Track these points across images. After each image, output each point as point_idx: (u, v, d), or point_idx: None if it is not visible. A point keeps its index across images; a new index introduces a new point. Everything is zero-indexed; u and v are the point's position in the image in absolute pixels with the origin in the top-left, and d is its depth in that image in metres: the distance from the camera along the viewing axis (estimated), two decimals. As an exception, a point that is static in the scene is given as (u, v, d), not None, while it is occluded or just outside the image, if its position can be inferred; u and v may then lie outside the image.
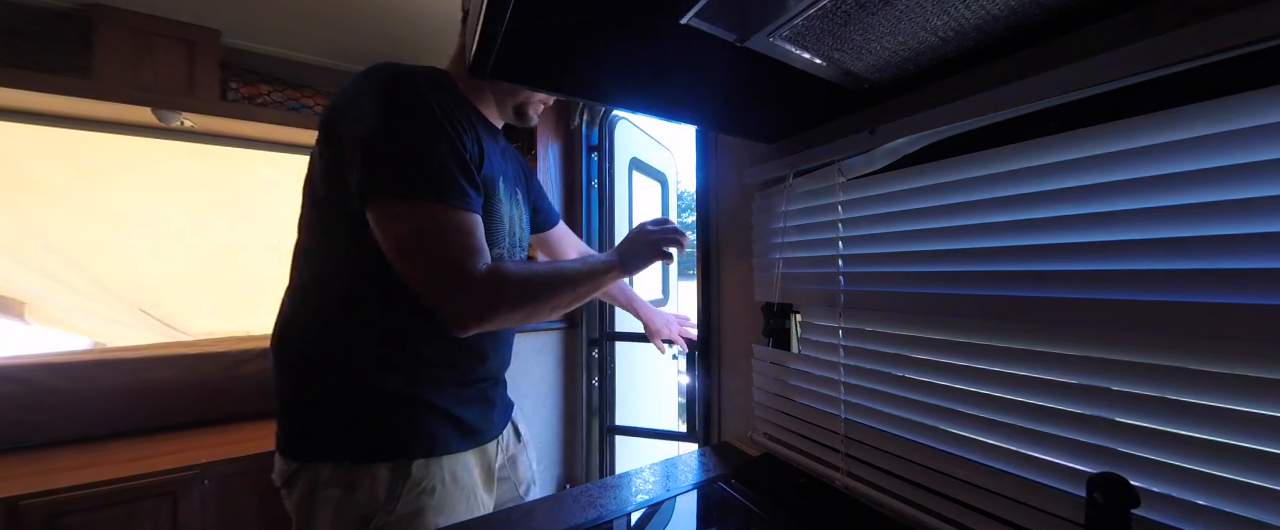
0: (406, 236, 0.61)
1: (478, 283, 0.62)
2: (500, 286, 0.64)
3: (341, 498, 0.65)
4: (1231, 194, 0.39)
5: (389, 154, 0.61)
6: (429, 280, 0.62)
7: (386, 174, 0.61)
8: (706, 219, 1.04)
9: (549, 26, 0.46)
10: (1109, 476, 0.40)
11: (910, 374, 0.62)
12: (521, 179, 0.89)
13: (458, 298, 0.62)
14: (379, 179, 0.60)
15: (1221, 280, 0.39)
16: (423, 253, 0.62)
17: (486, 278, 0.63)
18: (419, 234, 0.61)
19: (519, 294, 0.65)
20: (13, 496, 1.07)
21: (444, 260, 0.62)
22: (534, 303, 0.67)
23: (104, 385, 1.50)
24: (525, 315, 0.67)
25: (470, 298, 0.62)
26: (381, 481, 0.65)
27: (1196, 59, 0.39)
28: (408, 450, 0.67)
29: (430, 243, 0.62)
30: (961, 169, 0.56)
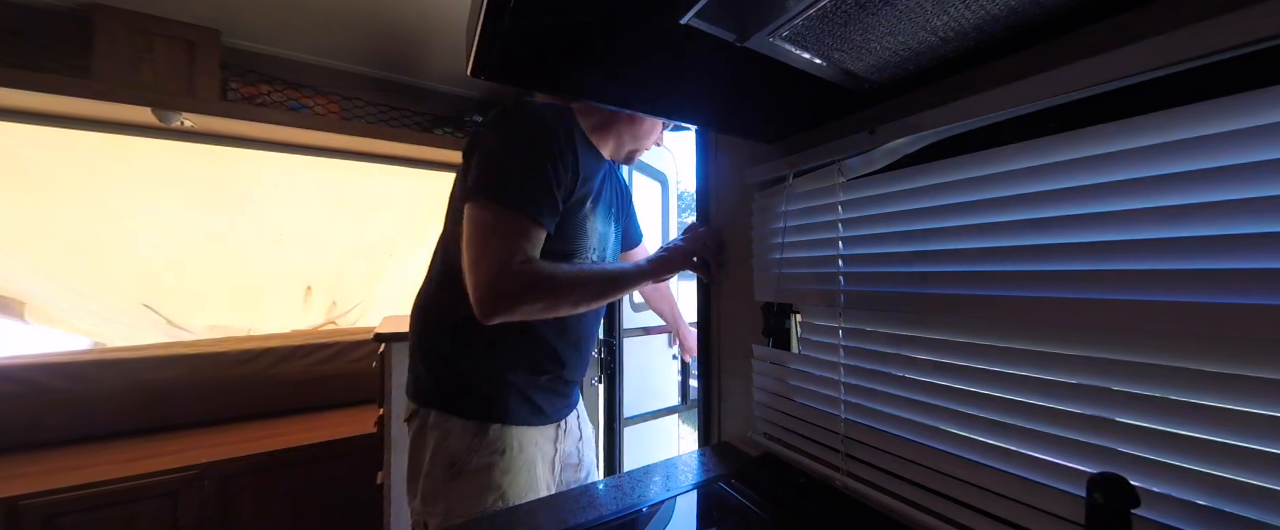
0: (472, 230, 0.74)
1: (507, 276, 0.71)
2: (523, 281, 0.72)
3: (439, 440, 0.83)
4: (1232, 194, 0.39)
5: (493, 166, 0.77)
6: (472, 269, 0.73)
7: (483, 180, 0.75)
8: (706, 219, 1.04)
9: (549, 26, 0.46)
10: (1109, 476, 0.40)
11: (910, 374, 0.62)
12: (618, 203, 1.04)
13: (487, 288, 0.71)
14: (477, 183, 0.75)
15: (1222, 280, 0.39)
16: (475, 244, 0.73)
17: (516, 273, 0.72)
18: (481, 228, 0.74)
19: (539, 289, 0.74)
20: (12, 496, 1.07)
21: (488, 254, 0.72)
22: (552, 298, 0.76)
23: (104, 385, 1.50)
24: (544, 308, 0.76)
25: (495, 290, 0.71)
26: (466, 434, 0.82)
27: (1196, 59, 0.39)
28: (489, 415, 0.84)
29: (485, 237, 0.74)
30: (961, 169, 0.56)
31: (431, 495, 0.83)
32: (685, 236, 0.96)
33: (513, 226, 0.74)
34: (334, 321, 2.78)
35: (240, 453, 1.45)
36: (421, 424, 0.86)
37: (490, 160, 0.77)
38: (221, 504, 1.38)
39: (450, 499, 0.82)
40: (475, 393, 0.85)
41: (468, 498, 0.81)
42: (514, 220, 0.74)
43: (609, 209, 0.96)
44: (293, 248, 2.49)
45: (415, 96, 2.18)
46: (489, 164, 0.77)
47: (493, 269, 0.71)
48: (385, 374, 1.45)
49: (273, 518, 1.49)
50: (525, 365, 0.88)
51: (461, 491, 0.81)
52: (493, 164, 0.77)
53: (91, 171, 1.85)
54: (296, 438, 1.60)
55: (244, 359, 1.81)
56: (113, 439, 1.47)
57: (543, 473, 0.89)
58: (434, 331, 0.88)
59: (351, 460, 1.62)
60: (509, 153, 0.77)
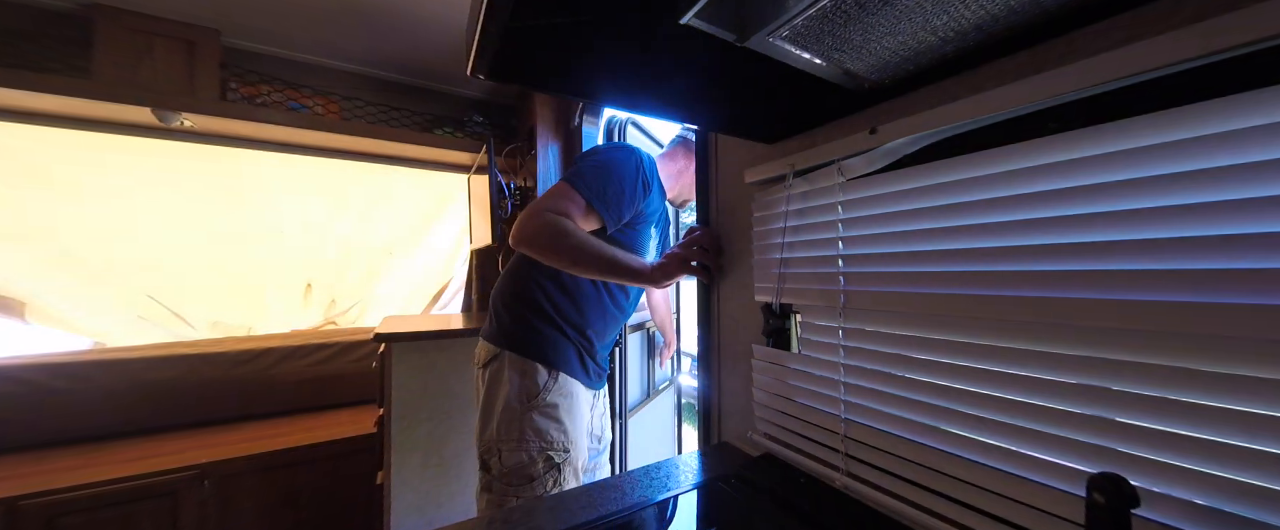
0: (547, 192, 0.98)
1: (538, 213, 0.92)
2: (544, 220, 0.92)
3: (517, 378, 1.03)
4: (1232, 194, 0.39)
5: (585, 165, 1.02)
6: (525, 211, 0.94)
7: (572, 170, 1.01)
8: (706, 219, 1.04)
9: (548, 27, 0.46)
10: (1109, 476, 0.40)
11: (910, 374, 0.62)
12: (665, 228, 1.32)
13: (522, 219, 0.92)
14: (567, 173, 1.00)
15: (1222, 280, 0.39)
16: (539, 198, 0.96)
17: (545, 216, 0.93)
18: (549, 192, 0.98)
19: (548, 238, 0.92)
20: (12, 497, 1.07)
21: (538, 202, 0.95)
22: (556, 252, 0.93)
23: (104, 385, 1.50)
24: (548, 255, 0.94)
25: (526, 221, 0.92)
26: (542, 375, 1.03)
27: (1197, 59, 0.39)
28: (558, 364, 1.06)
29: (547, 196, 0.96)
30: (961, 169, 0.56)
31: (509, 422, 1.01)
32: (682, 243, 0.99)
33: (571, 197, 0.96)
34: (334, 321, 2.78)
35: (240, 453, 1.45)
36: (500, 366, 1.04)
37: (586, 161, 1.02)
38: (221, 504, 1.38)
39: (527, 425, 1.00)
40: (550, 345, 1.06)
41: (543, 426, 1.01)
42: (578, 197, 0.96)
43: (664, 237, 1.30)
44: (293, 245, 2.50)
45: (415, 96, 2.18)
46: (582, 163, 1.02)
47: (532, 211, 0.93)
48: (385, 374, 1.45)
49: (273, 518, 1.49)
50: (584, 334, 1.10)
51: (539, 420, 1.01)
52: (586, 164, 1.01)
53: (92, 169, 1.85)
54: (296, 438, 1.60)
55: (244, 359, 1.81)
56: (113, 439, 1.47)
57: (588, 425, 1.13)
58: (522, 290, 1.09)
59: (351, 460, 1.62)
60: (607, 166, 1.02)
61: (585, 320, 1.10)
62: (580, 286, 1.09)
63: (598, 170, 1.00)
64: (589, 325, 1.10)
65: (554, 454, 1.01)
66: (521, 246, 0.93)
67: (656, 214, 1.14)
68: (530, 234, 0.92)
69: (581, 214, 0.96)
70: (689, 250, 0.97)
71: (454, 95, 2.28)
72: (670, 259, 0.96)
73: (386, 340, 1.43)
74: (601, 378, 1.18)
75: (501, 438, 1.01)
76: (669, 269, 0.96)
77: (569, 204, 0.95)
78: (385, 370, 1.45)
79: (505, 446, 1.00)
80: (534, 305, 1.07)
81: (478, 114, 2.32)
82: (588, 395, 1.12)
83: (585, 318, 1.09)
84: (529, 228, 0.92)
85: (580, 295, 1.09)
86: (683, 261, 0.96)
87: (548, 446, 1.01)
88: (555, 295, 1.08)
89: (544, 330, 1.06)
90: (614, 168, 1.01)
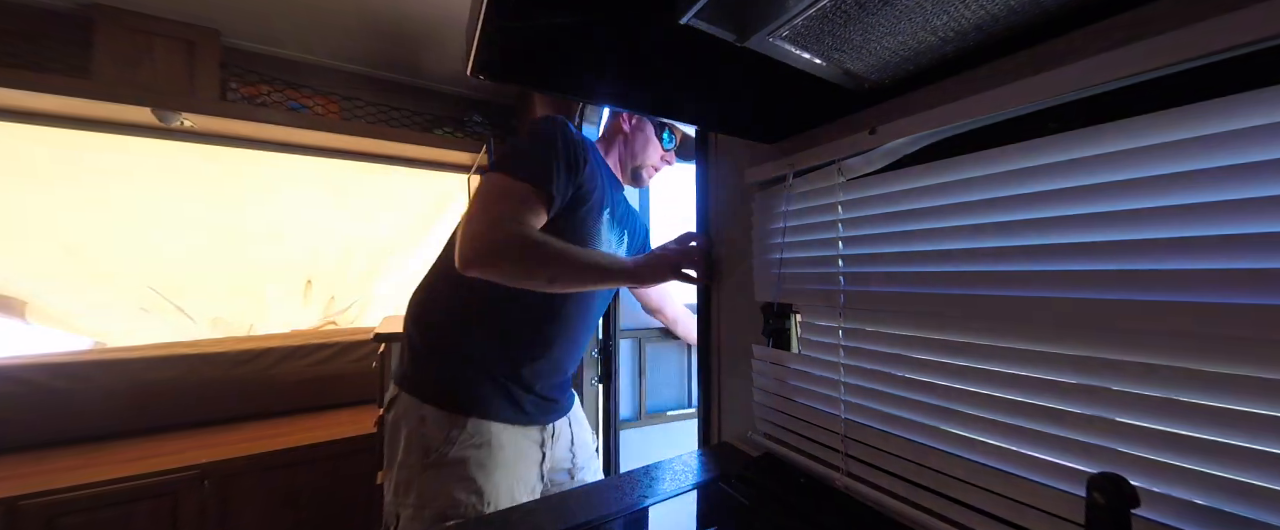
0: (476, 194, 0.79)
1: (497, 228, 0.75)
2: (510, 237, 0.75)
3: (415, 427, 0.83)
4: (1233, 194, 0.39)
5: (511, 148, 0.85)
6: (466, 224, 0.75)
7: (499, 157, 0.84)
8: (706, 218, 1.04)
9: (548, 27, 0.46)
10: (1109, 476, 0.40)
11: (910, 374, 0.62)
12: (633, 228, 1.10)
13: (474, 239, 0.74)
14: (493, 162, 0.84)
15: (1223, 280, 0.39)
16: (476, 204, 0.77)
17: (506, 229, 0.75)
18: (485, 192, 0.79)
19: (523, 248, 0.76)
20: (12, 497, 1.07)
21: (485, 210, 0.77)
22: (533, 262, 0.77)
23: (104, 385, 1.50)
24: (521, 275, 0.78)
25: (482, 239, 0.74)
26: (444, 423, 0.82)
27: (1197, 58, 0.39)
28: (469, 407, 0.84)
29: (486, 198, 0.78)
30: (961, 169, 0.56)
31: (404, 484, 0.81)
32: (675, 246, 0.92)
33: (515, 192, 0.79)
34: (333, 321, 2.78)
35: (240, 453, 1.45)
36: (400, 409, 0.86)
37: (510, 145, 0.88)
38: (221, 504, 1.38)
39: (423, 488, 0.79)
40: (458, 383, 0.85)
41: (442, 489, 0.78)
42: (518, 187, 0.79)
43: (620, 226, 1.02)
44: (293, 244, 2.50)
45: (415, 96, 2.18)
46: (507, 148, 0.87)
47: (484, 223, 0.75)
48: (385, 374, 1.45)
49: (273, 518, 1.49)
50: (511, 362, 0.88)
51: (436, 482, 0.79)
52: (511, 147, 0.86)
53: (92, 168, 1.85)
54: (296, 438, 1.60)
55: (244, 359, 1.81)
56: (112, 439, 1.47)
57: (527, 474, 0.87)
58: (428, 318, 0.90)
59: (351, 460, 1.62)
60: (529, 140, 0.85)
61: (517, 343, 0.88)
62: (517, 300, 0.86)
63: (525, 150, 0.84)
64: (525, 348, 0.89)
65: (460, 521, 0.77)
66: (485, 270, 0.75)
67: (608, 200, 0.95)
68: (495, 253, 0.74)
69: (530, 208, 0.79)
70: (685, 252, 0.90)
71: (454, 95, 2.28)
72: (660, 258, 0.88)
73: (386, 340, 1.43)
74: (556, 408, 0.97)
75: (399, 501, 0.82)
76: (658, 268, 0.86)
77: (517, 204, 0.78)
78: (385, 370, 1.45)
79: (404, 511, 0.80)
80: (444, 331, 0.87)
81: (478, 114, 2.32)
82: (528, 433, 0.90)
83: (518, 341, 0.88)
84: (492, 246, 0.74)
85: (514, 312, 0.88)
86: (674, 265, 0.88)
87: (453, 509, 0.79)
88: (479, 314, 0.87)
89: (452, 363, 0.85)
90: (538, 138, 0.85)
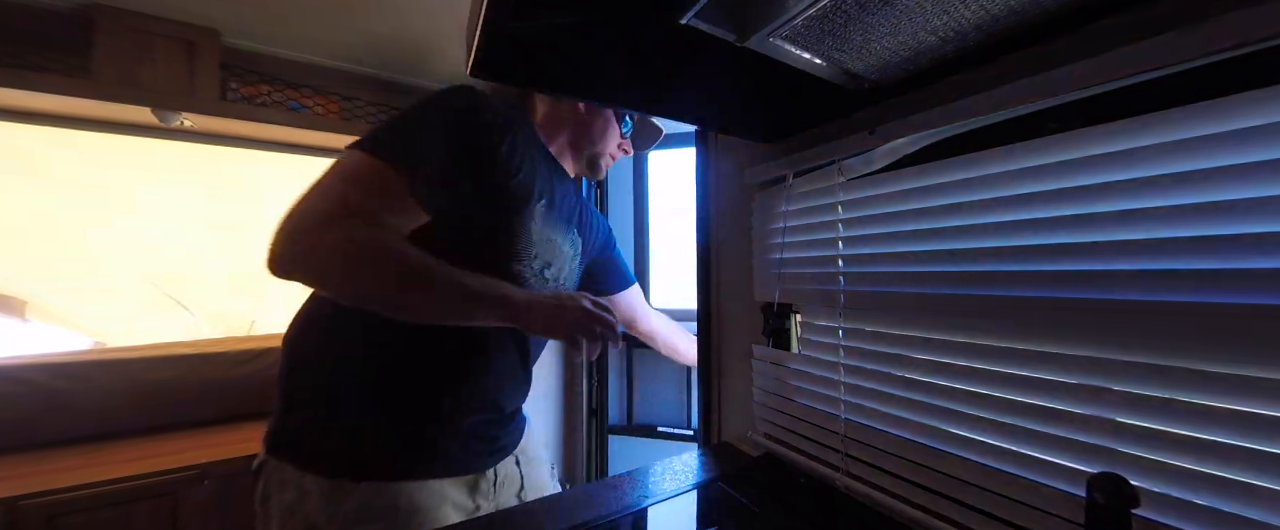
0: (321, 174, 0.58)
1: (319, 227, 0.54)
2: (342, 234, 0.54)
3: (292, 503, 0.61)
4: (1233, 194, 0.39)
5: (387, 123, 0.64)
6: (292, 205, 0.55)
7: (365, 135, 0.62)
8: (706, 219, 1.04)
9: (548, 27, 0.46)
10: (1109, 476, 0.40)
11: (910, 374, 0.62)
12: (588, 228, 0.92)
13: (288, 234, 0.54)
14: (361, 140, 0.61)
15: (1223, 280, 0.39)
16: (313, 184, 0.57)
17: (336, 229, 0.54)
18: (329, 172, 0.58)
19: (348, 262, 0.54)
20: (12, 497, 1.07)
21: (319, 196, 0.56)
22: (365, 280, 0.55)
23: (104, 385, 1.50)
24: (348, 292, 0.56)
25: (296, 239, 0.54)
26: (331, 494, 0.60)
27: (1197, 58, 0.39)
28: (364, 468, 0.61)
29: (326, 178, 0.58)
30: (961, 169, 0.56)
31: None
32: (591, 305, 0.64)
33: (368, 174, 0.57)
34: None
35: (240, 453, 1.45)
36: (269, 482, 0.63)
37: (393, 118, 0.65)
38: (221, 504, 1.38)
39: None
40: (348, 435, 0.62)
41: None
42: (374, 168, 0.57)
43: (567, 225, 0.81)
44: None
45: (415, 96, 2.18)
46: (389, 121, 0.65)
47: (309, 213, 0.55)
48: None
49: (273, 518, 1.49)
50: (424, 395, 0.66)
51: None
52: (392, 120, 0.64)
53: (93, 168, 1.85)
54: (296, 438, 1.60)
55: (244, 359, 1.81)
56: (112, 439, 1.47)
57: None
58: (303, 353, 0.66)
59: (351, 460, 1.61)
60: (411, 109, 0.64)
61: (432, 368, 0.67)
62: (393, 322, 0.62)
63: (396, 121, 0.64)
64: (444, 374, 0.67)
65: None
66: (296, 275, 0.55)
67: (545, 192, 0.73)
68: (314, 255, 0.54)
69: (387, 198, 0.58)
70: (597, 317, 0.63)
71: (454, 95, 2.29)
72: (562, 307, 0.62)
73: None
74: (497, 447, 0.75)
75: None
76: (553, 318, 0.61)
77: (368, 191, 0.57)
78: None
79: None
80: (325, 368, 0.65)
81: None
82: (458, 485, 0.68)
83: (433, 365, 0.66)
84: (311, 245, 0.54)
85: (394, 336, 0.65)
86: (578, 322, 0.62)
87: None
88: (373, 336, 0.64)
89: (338, 409, 0.63)
90: (421, 106, 0.65)
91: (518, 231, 0.70)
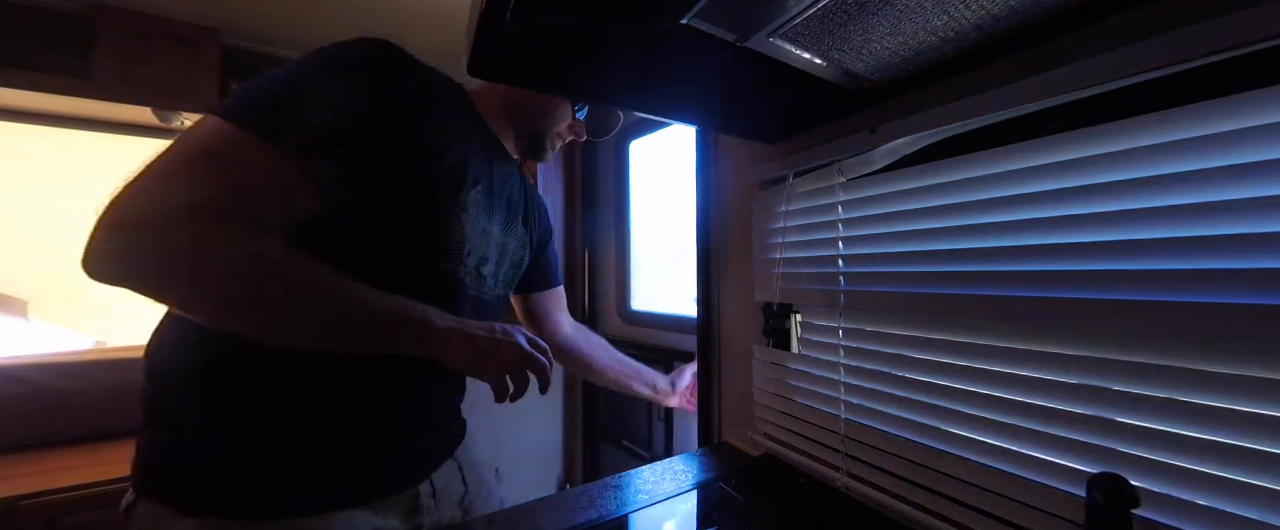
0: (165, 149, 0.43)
1: (151, 219, 0.40)
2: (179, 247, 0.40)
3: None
4: (1233, 194, 0.39)
5: (259, 80, 0.47)
6: (117, 192, 0.41)
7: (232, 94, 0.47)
8: (706, 218, 1.04)
9: (548, 26, 0.46)
10: (1109, 476, 0.40)
11: (910, 374, 0.62)
12: (533, 218, 0.79)
13: (108, 226, 0.40)
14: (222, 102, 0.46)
15: (1222, 280, 0.39)
16: (152, 161, 0.43)
17: (180, 227, 0.40)
18: (177, 148, 0.43)
19: (201, 276, 0.41)
20: (12, 496, 1.07)
21: (156, 177, 0.41)
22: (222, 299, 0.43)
23: (105, 385, 1.50)
24: (192, 305, 0.43)
25: (121, 233, 0.40)
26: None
27: (1198, 58, 0.39)
28: (261, 504, 0.49)
29: (173, 157, 0.42)
30: (961, 169, 0.56)
31: None
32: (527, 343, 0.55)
33: (223, 148, 0.42)
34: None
35: (240, 452, 1.45)
36: (142, 527, 0.50)
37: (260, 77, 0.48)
38: (222, 504, 1.38)
39: None
40: (237, 469, 0.50)
41: None
42: (230, 139, 0.42)
43: (506, 214, 0.69)
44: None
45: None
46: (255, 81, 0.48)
47: (146, 195, 0.41)
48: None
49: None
50: (339, 413, 0.53)
51: None
52: (259, 80, 0.47)
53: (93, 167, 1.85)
54: (297, 437, 1.59)
55: (244, 359, 1.81)
56: (113, 438, 1.47)
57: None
58: (172, 371, 0.52)
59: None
60: (292, 66, 0.49)
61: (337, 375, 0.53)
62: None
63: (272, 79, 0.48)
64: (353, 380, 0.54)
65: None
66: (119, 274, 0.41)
67: (476, 170, 0.61)
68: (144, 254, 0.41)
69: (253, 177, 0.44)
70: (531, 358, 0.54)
71: (454, 95, 2.28)
72: (498, 343, 0.52)
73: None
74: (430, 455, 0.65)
75: None
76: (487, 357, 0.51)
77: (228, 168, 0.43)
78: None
79: None
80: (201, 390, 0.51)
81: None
82: (384, 509, 0.57)
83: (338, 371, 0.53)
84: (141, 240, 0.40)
85: None
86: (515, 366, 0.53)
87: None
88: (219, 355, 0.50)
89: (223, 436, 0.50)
90: (302, 62, 0.50)
91: (447, 224, 0.57)
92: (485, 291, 0.66)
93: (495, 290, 0.69)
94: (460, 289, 0.61)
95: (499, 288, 0.71)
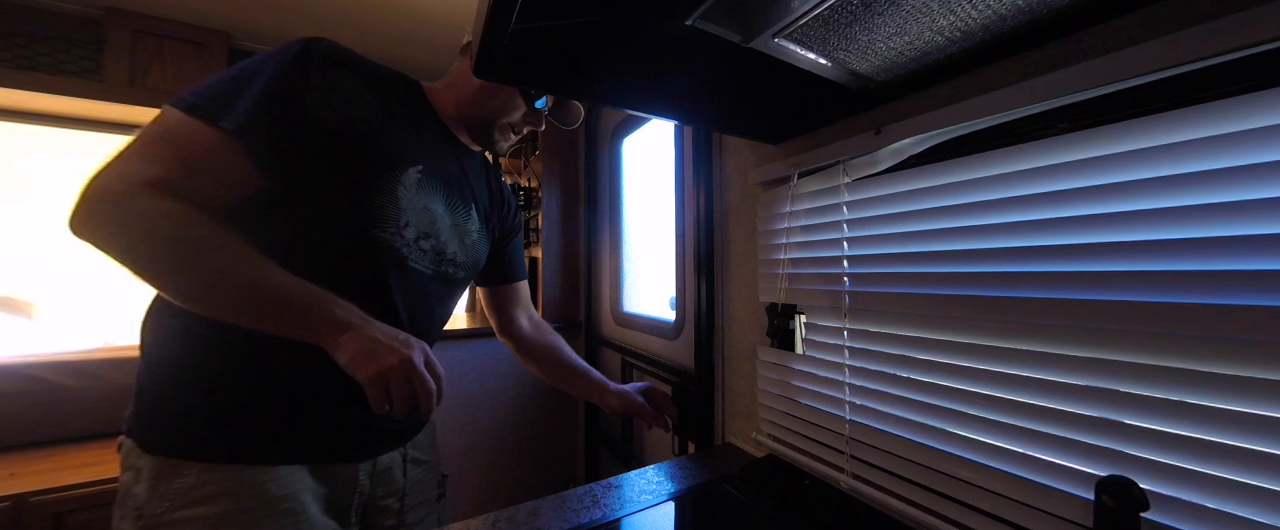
0: (136, 135, 0.53)
1: (113, 190, 0.49)
2: (130, 214, 0.48)
3: (128, 483, 0.56)
4: (1244, 195, 0.38)
5: (213, 77, 0.56)
6: (98, 167, 0.51)
7: (188, 89, 0.55)
8: (710, 219, 1.04)
9: (553, 28, 0.46)
10: (1118, 479, 0.40)
11: (915, 375, 0.61)
12: (494, 206, 0.83)
13: (84, 193, 0.49)
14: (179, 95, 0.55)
15: (1234, 281, 0.38)
16: (126, 145, 0.53)
17: (135, 198, 0.49)
18: (142, 134, 0.53)
19: (138, 241, 0.49)
20: (22, 493, 1.08)
21: (123, 157, 0.51)
22: (155, 265, 0.50)
23: (113, 382, 1.51)
24: (132, 260, 0.49)
25: (92, 199, 0.49)
26: (160, 473, 0.55)
27: (1204, 59, 0.38)
28: (190, 447, 0.55)
29: (137, 141, 0.52)
30: (967, 169, 0.56)
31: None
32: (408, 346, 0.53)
33: (175, 130, 0.52)
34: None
35: (246, 451, 1.46)
36: (122, 464, 0.59)
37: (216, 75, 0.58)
38: (228, 502, 1.39)
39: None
40: (189, 416, 0.56)
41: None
42: (182, 124, 0.52)
43: (464, 199, 0.74)
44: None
45: (421, 98, 2.19)
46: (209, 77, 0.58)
47: (114, 170, 0.50)
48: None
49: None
50: (289, 378, 0.59)
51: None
52: (213, 76, 0.57)
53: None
54: (302, 437, 1.60)
55: (250, 358, 1.82)
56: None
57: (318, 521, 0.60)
58: (156, 331, 0.61)
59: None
60: (242, 64, 0.58)
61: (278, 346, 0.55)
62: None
63: (223, 76, 0.58)
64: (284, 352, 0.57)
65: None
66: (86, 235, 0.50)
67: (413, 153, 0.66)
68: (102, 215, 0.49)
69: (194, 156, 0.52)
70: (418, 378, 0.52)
71: (459, 96, 2.29)
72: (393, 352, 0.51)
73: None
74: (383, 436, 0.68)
75: None
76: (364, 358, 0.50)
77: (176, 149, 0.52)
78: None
79: None
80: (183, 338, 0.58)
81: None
82: (322, 473, 0.62)
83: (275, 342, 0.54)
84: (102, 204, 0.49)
85: None
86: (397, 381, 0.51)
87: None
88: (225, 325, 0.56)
89: (188, 385, 0.57)
90: (251, 62, 0.59)
91: (380, 193, 0.62)
92: (428, 266, 0.69)
93: (444, 269, 0.72)
94: (396, 257, 0.64)
95: (450, 268, 0.73)
